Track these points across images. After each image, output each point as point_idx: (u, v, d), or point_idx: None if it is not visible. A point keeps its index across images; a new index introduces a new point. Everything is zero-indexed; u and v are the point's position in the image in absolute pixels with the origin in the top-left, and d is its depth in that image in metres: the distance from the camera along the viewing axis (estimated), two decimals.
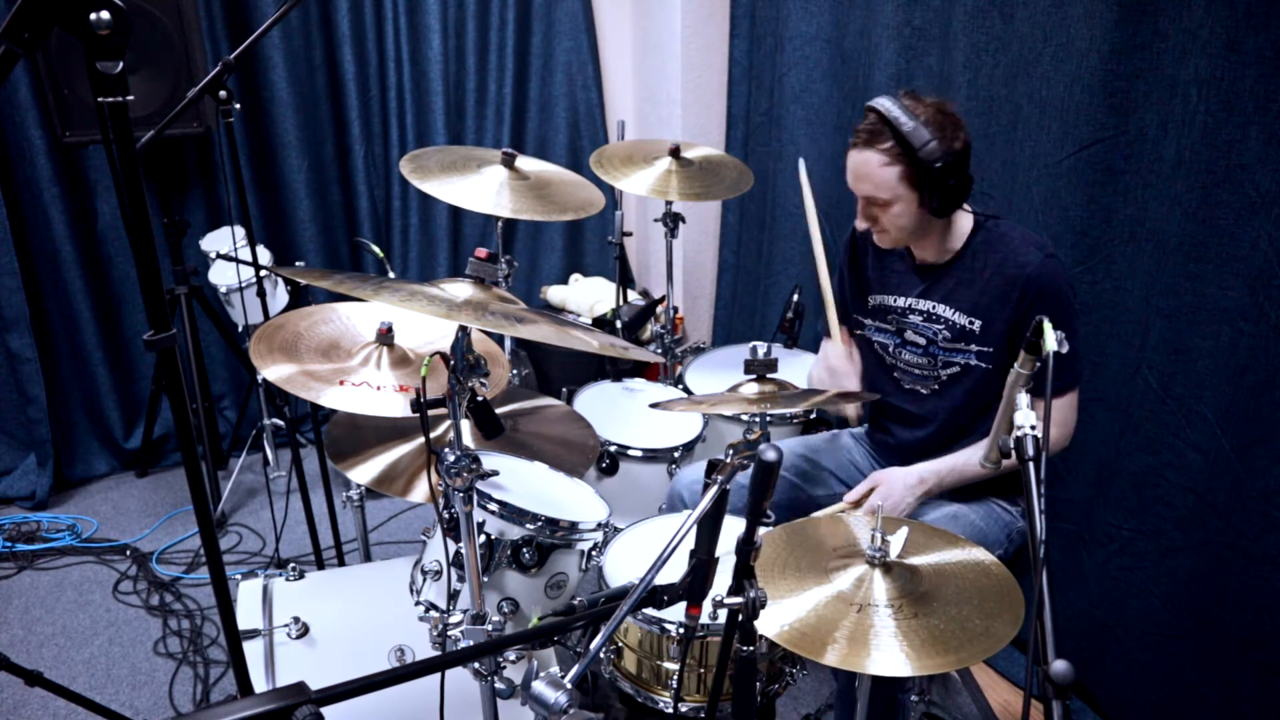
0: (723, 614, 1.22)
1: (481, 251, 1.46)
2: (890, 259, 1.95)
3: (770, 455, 1.06)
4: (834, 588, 1.39)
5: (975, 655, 1.28)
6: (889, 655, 1.26)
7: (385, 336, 1.83)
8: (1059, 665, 0.93)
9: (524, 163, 2.23)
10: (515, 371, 3.09)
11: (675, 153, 2.57)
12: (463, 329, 1.36)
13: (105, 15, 1.00)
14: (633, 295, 3.34)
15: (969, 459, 1.86)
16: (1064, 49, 2.02)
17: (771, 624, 1.32)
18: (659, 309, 3.01)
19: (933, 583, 1.40)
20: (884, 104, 1.69)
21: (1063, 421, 1.79)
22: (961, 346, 1.83)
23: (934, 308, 1.86)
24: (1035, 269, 1.73)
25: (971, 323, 1.81)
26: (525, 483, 1.78)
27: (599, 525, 1.69)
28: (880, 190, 1.72)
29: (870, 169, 1.71)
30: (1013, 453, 1.15)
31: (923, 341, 1.89)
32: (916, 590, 1.38)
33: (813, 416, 2.50)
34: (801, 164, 2.22)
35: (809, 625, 1.33)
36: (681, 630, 1.60)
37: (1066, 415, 1.80)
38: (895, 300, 1.93)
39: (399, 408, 1.69)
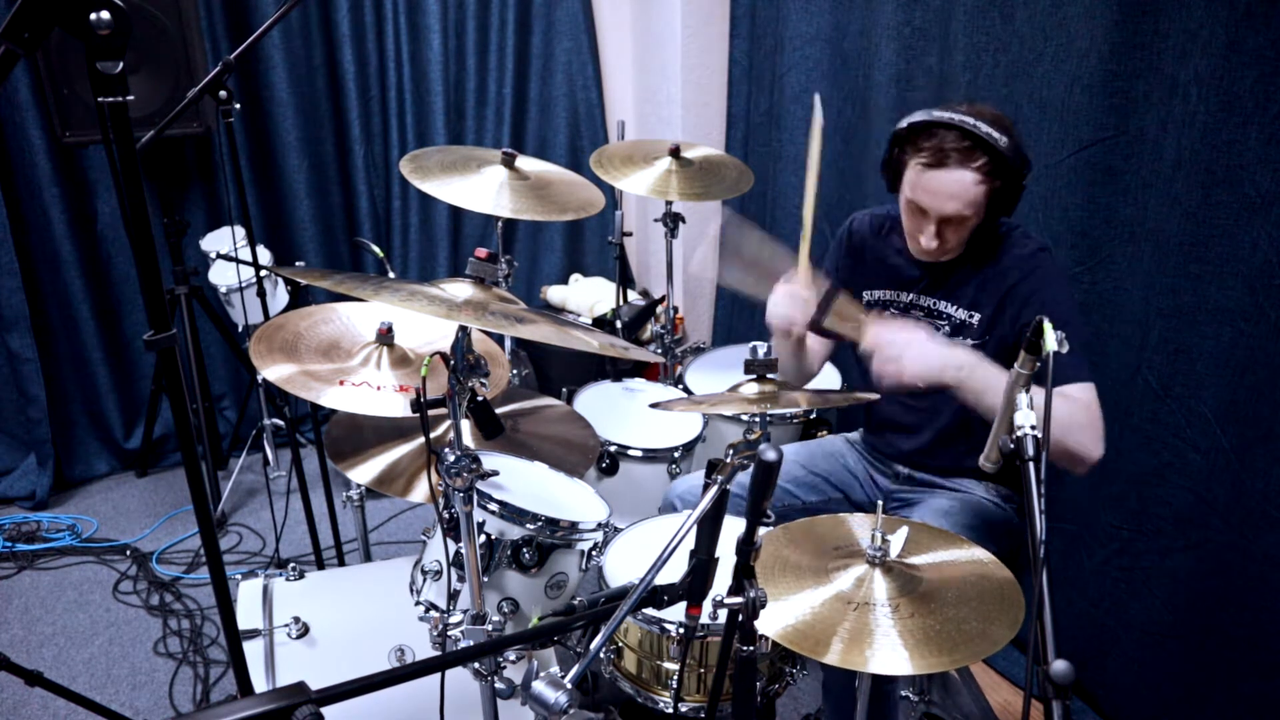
0: (723, 614, 1.22)
1: (481, 251, 1.46)
2: (889, 251, 1.94)
3: (770, 455, 1.06)
4: (834, 587, 1.39)
5: (970, 656, 1.28)
6: (887, 654, 1.26)
7: (385, 336, 1.83)
8: (1059, 665, 0.93)
9: (524, 163, 2.22)
10: (515, 371, 3.09)
11: (675, 153, 2.57)
12: (463, 329, 1.36)
13: (105, 15, 1.00)
14: (633, 295, 3.34)
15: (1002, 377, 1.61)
16: (1064, 49, 2.02)
17: (771, 623, 1.32)
18: (659, 309, 3.01)
19: (932, 584, 1.40)
20: (965, 120, 1.62)
21: (1088, 421, 1.63)
22: (958, 342, 1.83)
23: (935, 303, 1.86)
24: (1027, 263, 1.74)
25: (970, 317, 1.81)
26: (525, 483, 1.78)
27: (599, 525, 1.69)
28: (967, 208, 1.67)
29: (964, 187, 1.65)
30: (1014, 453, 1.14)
31: None
32: (916, 590, 1.38)
33: (812, 416, 2.50)
34: (817, 98, 2.00)
35: (808, 624, 1.33)
36: (681, 630, 1.60)
37: (1087, 412, 1.63)
38: (898, 295, 1.93)
39: (399, 408, 1.69)
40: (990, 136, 1.62)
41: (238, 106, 2.04)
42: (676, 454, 2.34)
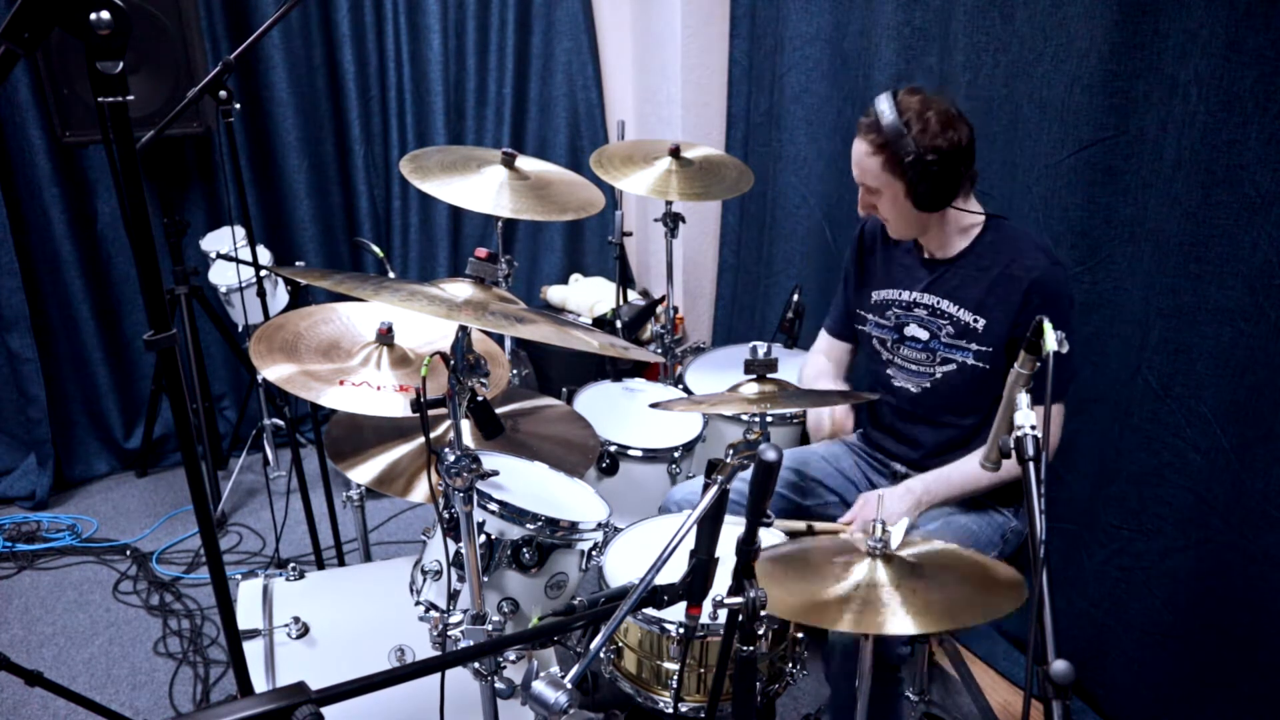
0: (723, 614, 1.22)
1: (481, 251, 1.46)
2: (898, 252, 1.96)
3: (770, 455, 1.06)
4: (838, 582, 1.39)
5: (978, 617, 1.32)
6: (896, 618, 1.28)
7: (385, 336, 1.83)
8: (1059, 665, 0.93)
9: (524, 163, 2.22)
10: (515, 371, 3.09)
11: (675, 153, 2.57)
12: (463, 329, 1.36)
13: (105, 15, 1.00)
14: (633, 295, 3.33)
15: (959, 469, 1.86)
16: (1064, 49, 2.02)
17: (780, 604, 1.33)
18: (659, 309, 3.01)
19: (933, 572, 1.41)
20: (880, 99, 1.76)
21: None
22: (962, 344, 1.84)
23: (939, 303, 1.87)
24: (1041, 273, 1.74)
25: (976, 320, 1.82)
26: (525, 483, 1.78)
27: (599, 525, 1.69)
28: (867, 178, 1.82)
29: (860, 157, 1.81)
30: (1013, 453, 1.15)
31: (925, 336, 1.89)
32: (919, 576, 1.39)
33: None
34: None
35: (817, 601, 1.34)
36: (681, 630, 1.60)
37: (1052, 426, 1.78)
38: (900, 294, 1.93)
39: (399, 408, 1.69)
40: (881, 114, 1.73)
41: (238, 106, 2.04)
42: (676, 454, 2.34)
